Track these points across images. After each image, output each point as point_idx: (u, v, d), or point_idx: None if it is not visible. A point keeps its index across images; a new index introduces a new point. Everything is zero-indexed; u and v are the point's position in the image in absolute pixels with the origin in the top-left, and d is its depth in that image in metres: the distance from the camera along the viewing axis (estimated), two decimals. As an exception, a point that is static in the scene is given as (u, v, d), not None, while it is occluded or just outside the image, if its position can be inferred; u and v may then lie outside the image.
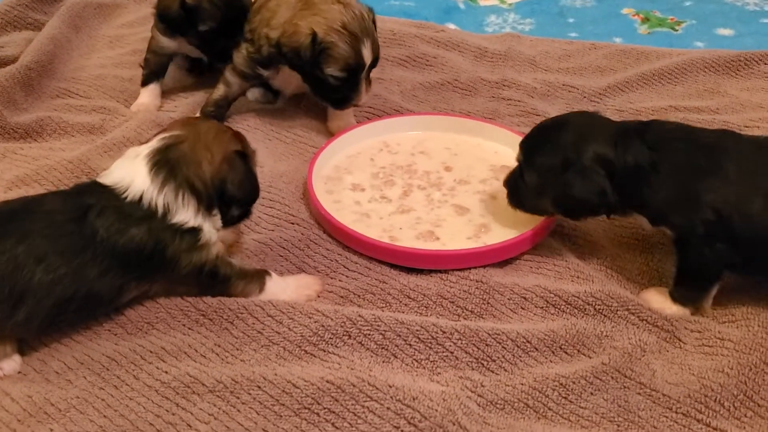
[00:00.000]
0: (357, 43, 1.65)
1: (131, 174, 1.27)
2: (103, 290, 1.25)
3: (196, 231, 1.29)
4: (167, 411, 1.17)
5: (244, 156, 1.35)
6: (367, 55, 1.67)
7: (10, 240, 1.19)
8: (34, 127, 1.85)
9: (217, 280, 1.32)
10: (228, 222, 1.37)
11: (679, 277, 1.38)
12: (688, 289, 1.38)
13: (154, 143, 1.30)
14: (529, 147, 1.47)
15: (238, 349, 1.28)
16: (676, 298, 1.39)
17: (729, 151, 1.32)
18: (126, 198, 1.25)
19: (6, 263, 1.18)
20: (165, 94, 2.01)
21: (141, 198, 1.25)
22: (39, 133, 1.85)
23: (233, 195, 1.32)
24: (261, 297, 1.36)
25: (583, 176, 1.37)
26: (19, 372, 1.25)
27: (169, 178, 1.27)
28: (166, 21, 1.88)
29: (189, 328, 1.31)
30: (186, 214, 1.27)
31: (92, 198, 1.26)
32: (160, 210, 1.25)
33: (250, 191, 1.37)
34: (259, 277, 1.37)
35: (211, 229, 1.31)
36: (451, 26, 2.47)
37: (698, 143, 1.35)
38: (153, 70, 1.97)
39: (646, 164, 1.34)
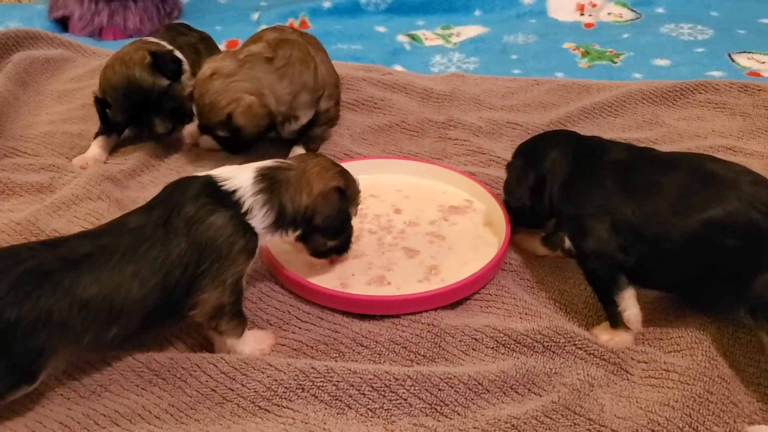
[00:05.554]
0: None
1: (235, 172, 1.38)
2: (176, 296, 1.29)
3: (256, 237, 1.36)
4: (122, 476, 1.17)
5: (343, 193, 1.44)
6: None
7: (112, 260, 1.24)
8: (-18, 188, 1.83)
9: (231, 305, 1.35)
10: (320, 253, 1.51)
11: (599, 298, 1.45)
12: (607, 304, 1.43)
13: (268, 162, 1.41)
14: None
15: (192, 408, 1.28)
16: (611, 322, 1.43)
17: (634, 168, 1.44)
18: (221, 186, 1.34)
19: (108, 283, 1.22)
20: (118, 145, 2.04)
21: (235, 191, 1.34)
22: (-13, 195, 1.83)
23: (318, 225, 1.42)
24: (233, 344, 1.37)
25: (516, 175, 1.59)
26: (-29, 445, 1.23)
27: (266, 191, 1.36)
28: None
29: (142, 389, 1.31)
30: (259, 223, 1.36)
31: (176, 195, 1.32)
32: (244, 208, 1.34)
33: (337, 225, 1.47)
34: (245, 322, 1.39)
35: (263, 241, 1.40)
36: (399, 68, 2.53)
37: (607, 162, 1.47)
38: (103, 126, 1.99)
39: (563, 176, 1.50)
